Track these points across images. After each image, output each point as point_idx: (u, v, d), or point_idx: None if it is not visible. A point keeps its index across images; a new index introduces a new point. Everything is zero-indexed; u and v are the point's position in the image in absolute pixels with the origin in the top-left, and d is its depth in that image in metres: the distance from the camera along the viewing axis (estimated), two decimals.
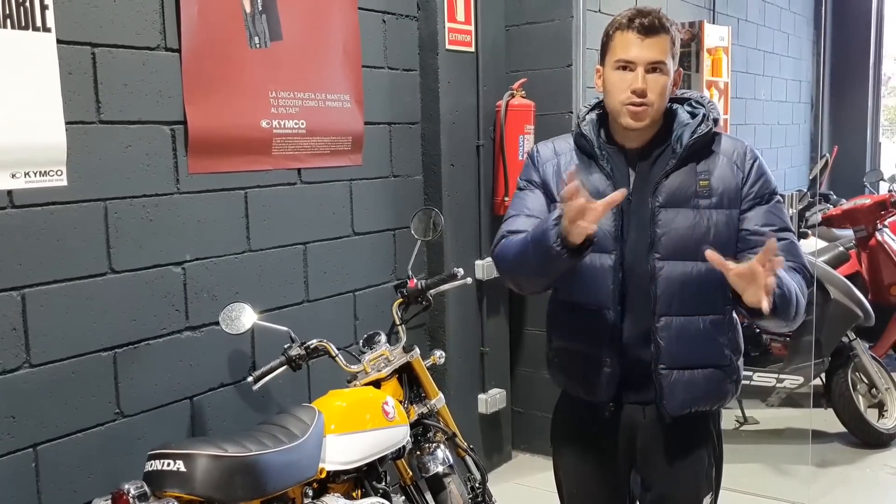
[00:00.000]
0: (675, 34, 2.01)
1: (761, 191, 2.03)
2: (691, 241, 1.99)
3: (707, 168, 2.03)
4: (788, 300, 1.88)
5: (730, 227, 2.01)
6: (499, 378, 4.18)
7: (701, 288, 2.00)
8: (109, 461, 2.58)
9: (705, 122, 2.03)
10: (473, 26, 3.87)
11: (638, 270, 2.04)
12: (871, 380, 4.32)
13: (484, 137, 3.95)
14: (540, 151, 2.22)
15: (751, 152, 2.06)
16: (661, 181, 2.02)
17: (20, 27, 2.27)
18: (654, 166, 2.05)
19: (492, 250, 2.24)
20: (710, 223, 2.00)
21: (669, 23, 2.01)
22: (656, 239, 2.00)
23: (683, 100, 2.11)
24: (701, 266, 1.97)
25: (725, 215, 2.01)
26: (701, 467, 2.13)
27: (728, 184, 2.02)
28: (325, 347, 2.62)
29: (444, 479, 2.79)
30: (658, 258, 2.00)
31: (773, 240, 1.76)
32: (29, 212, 2.36)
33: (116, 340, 2.59)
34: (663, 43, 1.98)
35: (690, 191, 2.01)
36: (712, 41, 5.43)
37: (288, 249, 3.14)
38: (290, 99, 3.06)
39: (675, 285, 2.00)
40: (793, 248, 2.03)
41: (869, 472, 4.05)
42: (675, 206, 2.00)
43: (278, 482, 2.22)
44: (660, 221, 2.00)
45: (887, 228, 4.99)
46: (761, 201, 2.03)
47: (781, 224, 2.04)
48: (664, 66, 1.98)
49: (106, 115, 2.53)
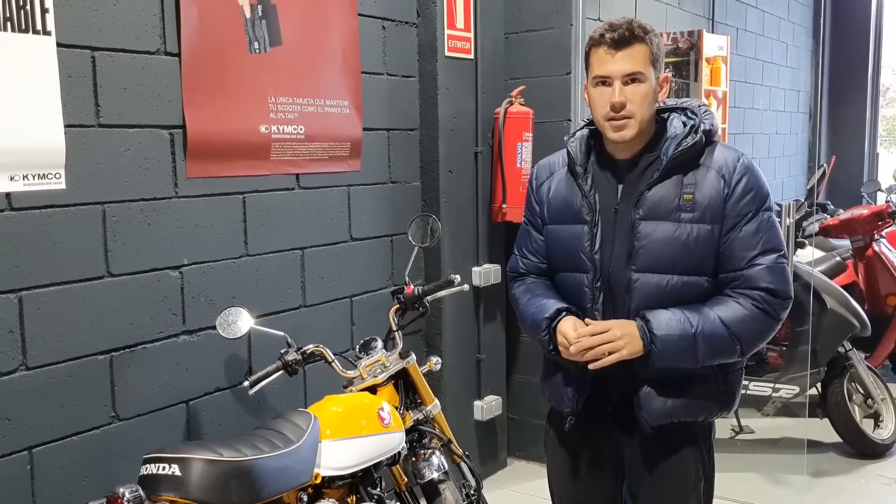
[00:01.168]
0: (652, 41, 2.00)
1: (746, 208, 1.99)
2: (668, 254, 1.99)
3: (694, 180, 2.01)
4: (677, 345, 1.95)
5: (710, 243, 1.99)
6: (495, 385, 4.17)
7: (676, 300, 2.00)
8: (105, 465, 2.58)
9: (692, 134, 2.01)
10: (473, 33, 3.88)
11: (620, 281, 2.05)
12: (867, 390, 4.32)
13: (482, 144, 3.95)
14: (537, 174, 2.28)
15: (742, 165, 2.01)
16: (644, 193, 2.02)
17: (20, 30, 2.28)
18: (641, 177, 2.05)
19: (508, 271, 2.39)
20: (689, 237, 1.99)
21: (644, 30, 2.00)
22: (634, 251, 2.01)
23: (682, 108, 2.10)
24: (676, 279, 1.99)
25: (707, 230, 1.99)
26: (687, 480, 2.11)
27: (713, 198, 1.99)
28: (321, 353, 2.62)
29: (440, 485, 2.78)
30: (633, 270, 2.01)
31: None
32: (27, 214, 2.36)
33: (113, 344, 2.59)
34: (638, 53, 1.99)
35: (673, 204, 2.00)
36: (711, 50, 5.44)
37: (285, 254, 3.14)
38: (289, 104, 3.06)
39: (649, 297, 2.01)
40: (765, 275, 1.98)
41: (864, 483, 4.04)
42: (656, 218, 2.00)
43: (273, 487, 2.22)
44: (639, 234, 2.01)
45: (884, 239, 5.00)
46: (746, 219, 1.99)
47: (764, 246, 1.99)
48: (641, 76, 1.99)
49: (105, 118, 2.53)
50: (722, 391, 2.08)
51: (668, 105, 2.13)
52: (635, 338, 1.97)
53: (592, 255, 2.08)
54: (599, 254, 2.07)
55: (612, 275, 2.07)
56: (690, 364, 2.00)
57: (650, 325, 1.97)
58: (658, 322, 1.97)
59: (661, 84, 2.04)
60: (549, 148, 4.00)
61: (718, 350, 1.99)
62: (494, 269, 4.03)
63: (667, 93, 2.06)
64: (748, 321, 1.98)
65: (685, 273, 2.00)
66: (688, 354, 1.97)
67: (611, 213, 2.07)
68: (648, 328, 1.97)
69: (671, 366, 1.99)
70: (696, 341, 1.96)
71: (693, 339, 1.95)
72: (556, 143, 3.99)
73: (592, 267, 2.08)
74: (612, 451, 2.15)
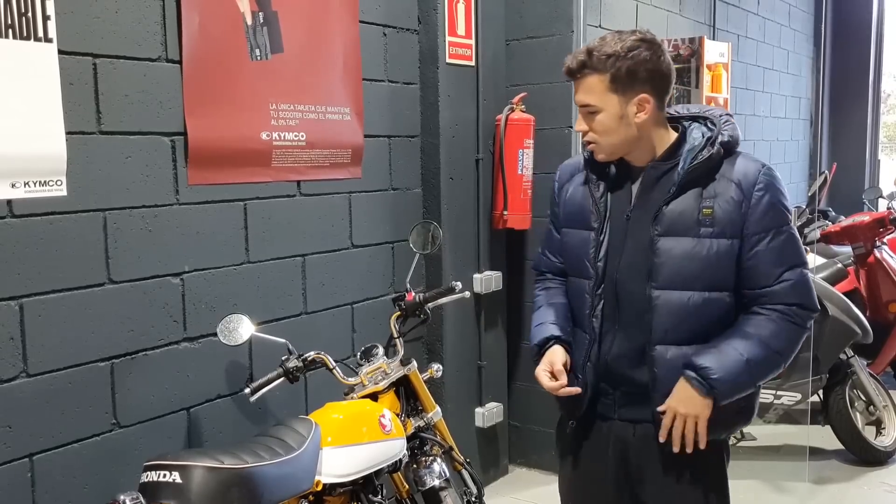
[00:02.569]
0: (612, 66, 1.94)
1: (769, 224, 1.96)
2: (689, 271, 1.97)
3: (714, 193, 1.97)
4: (736, 379, 1.95)
5: (730, 258, 1.97)
6: (496, 392, 4.17)
7: (698, 317, 1.99)
8: (105, 472, 2.57)
9: (708, 147, 1.98)
10: (474, 40, 3.88)
11: (632, 290, 2.04)
12: (869, 397, 4.31)
13: (483, 151, 3.95)
14: (559, 176, 2.28)
15: (762, 178, 1.96)
16: (662, 208, 1.99)
17: (22, 37, 2.28)
18: (656, 185, 2.03)
19: (532, 268, 2.43)
20: (709, 252, 1.96)
21: (600, 56, 1.95)
22: (654, 268, 1.99)
23: (704, 118, 2.06)
24: (697, 296, 1.97)
25: (727, 245, 1.96)
26: (696, 493, 2.08)
27: (732, 212, 1.96)
28: (322, 360, 2.61)
29: (441, 492, 2.78)
30: (654, 287, 1.99)
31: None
32: (28, 221, 2.36)
33: (114, 351, 2.59)
34: (590, 82, 1.98)
35: (692, 219, 1.97)
36: (712, 57, 5.45)
37: (287, 261, 3.14)
38: (290, 111, 3.07)
39: (671, 315, 1.99)
40: (792, 291, 1.96)
41: (866, 490, 4.03)
42: (675, 234, 1.98)
43: (274, 495, 2.21)
44: (658, 250, 1.99)
45: (886, 246, 5.00)
46: (770, 235, 1.96)
47: (789, 262, 1.97)
48: (593, 107, 1.99)
49: (106, 125, 2.53)
50: (742, 407, 2.07)
51: (690, 112, 2.09)
52: (693, 399, 1.96)
53: (595, 263, 2.08)
54: (603, 261, 2.07)
55: (618, 283, 2.06)
56: (749, 389, 2.01)
57: (703, 371, 1.94)
58: (709, 363, 1.95)
59: (640, 104, 1.97)
60: (550, 155, 4.06)
61: (768, 368, 1.99)
62: (496, 275, 4.03)
63: (648, 112, 1.97)
64: (783, 335, 1.97)
65: (706, 289, 1.97)
66: (746, 382, 1.97)
67: (622, 220, 2.06)
68: (702, 375, 1.94)
69: (734, 397, 1.99)
70: (748, 366, 1.94)
71: (746, 364, 1.94)
72: (558, 150, 4.04)
73: (594, 274, 2.08)
74: (616, 459, 2.14)
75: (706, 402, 1.96)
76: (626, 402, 2.10)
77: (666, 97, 2.03)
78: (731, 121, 2.04)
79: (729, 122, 2.03)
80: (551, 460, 4.22)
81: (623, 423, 2.11)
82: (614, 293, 2.07)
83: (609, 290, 2.07)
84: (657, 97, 1.99)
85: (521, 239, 4.18)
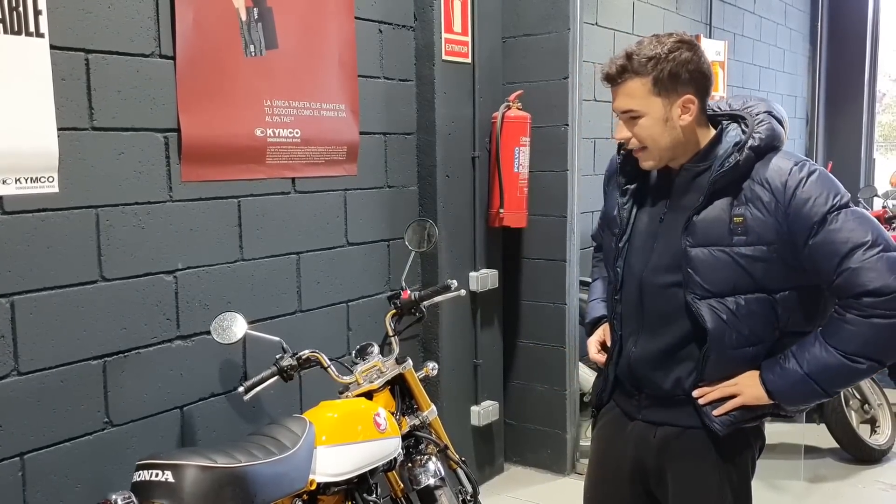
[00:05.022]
0: (654, 69, 1.90)
1: (812, 217, 1.84)
2: (723, 279, 1.92)
3: (745, 199, 1.90)
4: (792, 391, 1.93)
5: (770, 262, 1.89)
6: (492, 390, 4.16)
7: (746, 319, 1.93)
8: (97, 471, 2.55)
9: (736, 154, 1.91)
10: (470, 37, 3.87)
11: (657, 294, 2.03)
12: (864, 396, 4.32)
13: (479, 149, 3.94)
14: (609, 167, 2.29)
15: (795, 175, 1.87)
16: (692, 218, 1.95)
17: (13, 32, 2.26)
18: (690, 188, 1.98)
19: (593, 234, 2.53)
20: (744, 261, 1.90)
21: (641, 60, 1.90)
22: (690, 279, 1.95)
23: (742, 117, 1.99)
24: (741, 300, 1.92)
25: (763, 251, 1.89)
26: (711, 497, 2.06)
27: (765, 218, 1.88)
28: (317, 358, 2.60)
29: (436, 491, 2.77)
30: (696, 297, 1.95)
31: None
32: (19, 218, 2.34)
33: (106, 349, 2.57)
34: (631, 87, 1.93)
35: (724, 228, 1.91)
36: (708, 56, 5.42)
37: (281, 259, 3.12)
38: (284, 108, 3.05)
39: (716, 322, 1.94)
40: (856, 278, 1.81)
41: (861, 488, 4.04)
42: (707, 244, 1.93)
43: (268, 494, 2.20)
44: (692, 261, 1.94)
45: None
46: (815, 228, 1.84)
47: (846, 247, 1.82)
48: (636, 111, 1.94)
49: (99, 121, 2.51)
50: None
51: (731, 109, 2.03)
52: (755, 386, 1.96)
53: (615, 267, 2.10)
54: (622, 266, 2.08)
55: (643, 285, 2.04)
56: (821, 398, 1.98)
57: (763, 379, 1.96)
58: (768, 377, 1.95)
59: (684, 106, 1.93)
60: (546, 153, 4.05)
61: (842, 377, 1.91)
62: (492, 273, 4.02)
63: (693, 114, 1.94)
64: (862, 335, 1.84)
65: (748, 292, 1.92)
66: (810, 393, 1.93)
67: (656, 222, 2.04)
68: (762, 379, 1.96)
69: (807, 404, 2.05)
70: (810, 380, 1.90)
71: (806, 378, 1.90)
72: (554, 148, 4.03)
73: (615, 279, 2.11)
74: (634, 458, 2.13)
75: (762, 395, 1.95)
76: (649, 404, 2.10)
77: (707, 97, 1.99)
78: (767, 120, 1.95)
79: (762, 122, 1.95)
80: (547, 459, 4.24)
81: (645, 425, 2.10)
82: (639, 296, 2.05)
83: (630, 292, 2.07)
84: (700, 98, 1.95)
85: (518, 237, 4.17)
